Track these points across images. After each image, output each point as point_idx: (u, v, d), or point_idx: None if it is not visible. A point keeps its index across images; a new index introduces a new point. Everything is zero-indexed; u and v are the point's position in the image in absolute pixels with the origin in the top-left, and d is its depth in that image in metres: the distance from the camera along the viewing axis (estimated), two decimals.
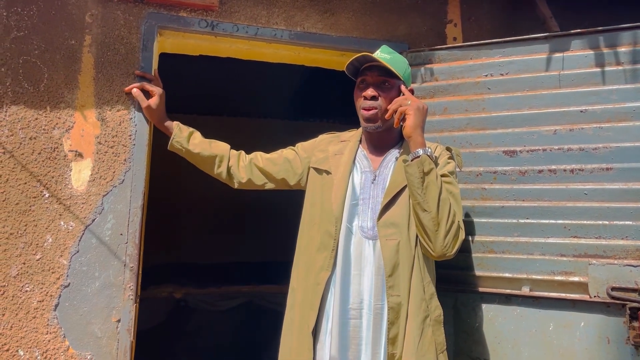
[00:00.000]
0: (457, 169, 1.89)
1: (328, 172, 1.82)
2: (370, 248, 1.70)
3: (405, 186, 1.69)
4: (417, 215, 1.63)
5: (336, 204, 1.73)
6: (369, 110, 1.75)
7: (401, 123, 1.72)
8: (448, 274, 2.12)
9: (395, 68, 1.76)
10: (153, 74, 2.25)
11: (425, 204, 1.60)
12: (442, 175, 1.71)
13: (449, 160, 1.82)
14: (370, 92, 1.75)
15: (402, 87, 1.79)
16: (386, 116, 1.74)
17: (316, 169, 1.88)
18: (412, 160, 1.65)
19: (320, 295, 1.67)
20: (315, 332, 1.68)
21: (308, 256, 1.75)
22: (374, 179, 1.77)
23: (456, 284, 2.11)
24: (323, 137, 2.01)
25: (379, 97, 1.76)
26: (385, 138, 1.84)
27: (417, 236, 1.68)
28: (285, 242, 1.72)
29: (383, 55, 1.79)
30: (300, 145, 2.04)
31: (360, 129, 1.90)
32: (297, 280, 1.78)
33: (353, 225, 1.72)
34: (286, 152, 2.05)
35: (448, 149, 1.87)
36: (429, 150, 1.67)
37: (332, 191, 1.76)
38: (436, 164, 1.72)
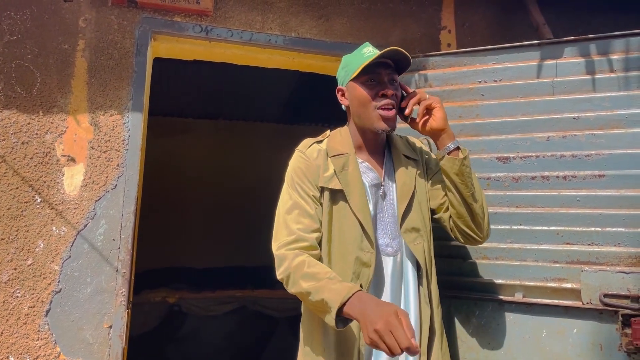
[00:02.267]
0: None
1: (341, 191, 1.60)
2: (389, 264, 1.60)
3: (414, 192, 1.64)
4: (466, 207, 1.61)
5: (367, 226, 1.55)
6: (390, 110, 1.60)
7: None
8: (442, 279, 2.11)
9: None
10: (146, 78, 2.24)
11: (477, 194, 1.61)
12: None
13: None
14: (391, 91, 1.60)
15: (402, 84, 1.71)
16: (406, 112, 1.63)
17: (327, 189, 1.60)
18: (450, 153, 1.61)
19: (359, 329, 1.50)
20: None
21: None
22: (384, 192, 1.66)
23: (450, 290, 2.11)
24: (306, 155, 1.67)
25: (395, 95, 1.63)
26: (381, 140, 1.72)
27: (431, 237, 1.69)
28: None
29: (376, 52, 1.64)
30: (297, 182, 1.62)
31: (347, 136, 1.70)
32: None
33: (380, 244, 1.61)
34: (303, 204, 1.59)
35: (428, 140, 1.83)
36: (457, 141, 1.65)
37: (353, 212, 1.57)
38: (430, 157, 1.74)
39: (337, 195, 1.60)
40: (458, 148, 1.63)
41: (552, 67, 2.11)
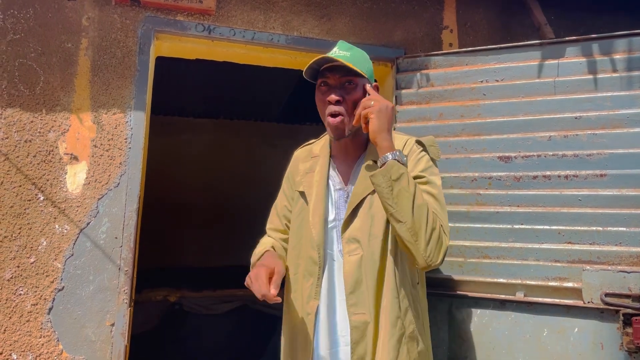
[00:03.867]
0: (436, 159, 1.68)
1: (303, 194, 1.66)
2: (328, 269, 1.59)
3: (366, 197, 1.56)
4: (393, 228, 1.47)
5: (316, 230, 1.58)
6: (335, 117, 1.55)
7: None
8: (443, 278, 2.13)
9: (357, 65, 1.55)
10: (149, 77, 2.25)
11: (398, 214, 1.43)
12: (416, 177, 1.54)
13: (421, 155, 1.61)
14: (333, 96, 1.54)
15: (367, 86, 1.58)
16: (353, 122, 1.55)
17: (297, 192, 1.70)
18: (378, 169, 1.48)
19: (312, 324, 1.55)
20: None
21: (296, 283, 1.62)
22: (347, 196, 1.62)
23: (451, 289, 2.12)
24: (297, 154, 1.81)
25: (344, 101, 1.55)
26: (353, 145, 1.66)
27: (387, 248, 1.54)
28: None
29: (342, 52, 1.57)
30: (284, 178, 1.81)
31: (326, 138, 1.73)
32: (289, 307, 1.65)
33: (334, 249, 1.59)
34: (279, 200, 1.81)
35: (419, 142, 1.64)
36: (397, 153, 1.47)
37: (309, 215, 1.61)
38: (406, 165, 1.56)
39: (304, 197, 1.67)
40: (386, 164, 1.47)
41: (553, 66, 2.11)
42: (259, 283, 1.38)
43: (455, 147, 2.20)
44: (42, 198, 2.07)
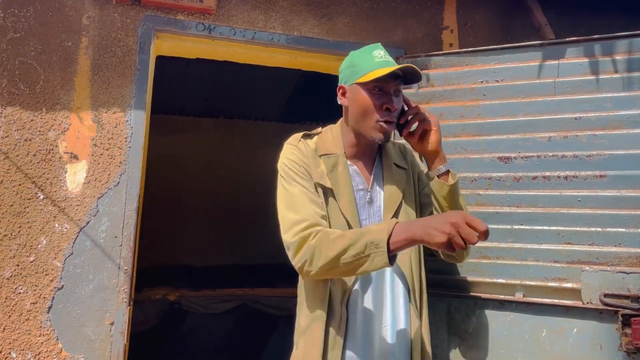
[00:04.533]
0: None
1: (331, 191, 1.59)
2: (377, 273, 1.57)
3: (402, 202, 1.62)
4: None
5: (355, 226, 1.55)
6: (391, 124, 1.57)
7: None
8: (442, 279, 2.13)
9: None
10: (149, 76, 2.25)
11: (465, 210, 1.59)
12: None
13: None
14: (394, 106, 1.55)
15: (405, 97, 1.65)
16: (401, 121, 1.62)
17: (320, 185, 1.59)
18: (439, 176, 1.60)
19: (345, 322, 1.51)
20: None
21: (325, 286, 1.54)
22: (370, 198, 1.63)
23: (450, 289, 2.12)
24: (301, 147, 1.66)
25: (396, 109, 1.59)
26: (372, 146, 1.67)
27: (420, 247, 1.66)
28: (280, 245, 1.62)
29: (389, 58, 1.59)
30: (295, 172, 1.60)
31: (338, 136, 1.68)
32: (314, 305, 1.56)
33: None
34: (304, 192, 1.57)
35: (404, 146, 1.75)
36: (448, 163, 1.64)
37: (341, 212, 1.56)
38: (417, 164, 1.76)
39: (327, 194, 1.59)
40: (448, 172, 1.62)
41: (553, 67, 2.11)
42: (474, 222, 1.22)
43: (455, 147, 2.20)
44: (42, 197, 2.07)
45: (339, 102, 1.66)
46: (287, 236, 1.47)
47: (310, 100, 5.29)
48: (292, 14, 2.45)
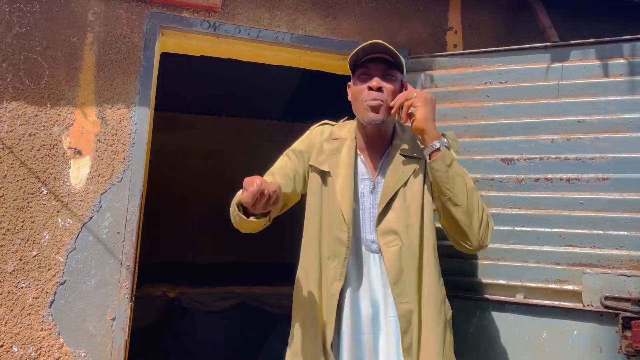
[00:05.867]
0: (458, 153, 1.71)
1: (329, 174, 1.66)
2: (376, 261, 1.60)
3: (399, 190, 1.60)
4: (448, 212, 1.53)
5: (345, 209, 1.59)
6: (375, 100, 1.59)
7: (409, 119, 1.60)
8: (443, 279, 2.13)
9: (397, 61, 1.65)
10: (154, 73, 2.25)
11: (455, 197, 1.50)
12: None
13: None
14: (375, 82, 1.59)
15: (405, 81, 1.68)
16: (392, 111, 1.61)
17: (316, 169, 1.70)
18: (430, 155, 1.54)
19: (335, 306, 1.55)
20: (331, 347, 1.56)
21: (315, 262, 1.62)
22: (373, 188, 1.66)
23: (451, 289, 2.12)
24: (315, 132, 1.79)
25: (385, 89, 1.60)
26: (381, 136, 1.69)
27: (424, 237, 1.60)
28: (280, 244, 1.64)
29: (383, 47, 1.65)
30: (292, 148, 1.79)
31: (353, 126, 1.75)
32: (307, 289, 1.63)
33: (360, 235, 1.62)
34: (283, 164, 1.75)
35: (443, 135, 1.67)
36: (445, 140, 1.55)
37: (337, 194, 1.62)
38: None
39: (326, 178, 1.67)
40: (439, 149, 1.54)
41: (557, 69, 2.12)
42: (253, 178, 1.32)
43: None
44: (45, 192, 2.08)
45: (349, 99, 1.74)
46: None
47: (312, 99, 5.30)
48: (297, 13, 2.46)
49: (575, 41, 2.13)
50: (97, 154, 2.14)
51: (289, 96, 5.42)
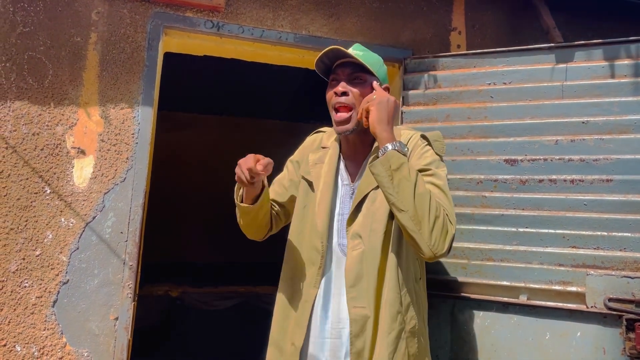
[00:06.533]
0: (441, 154, 1.65)
1: (311, 183, 1.69)
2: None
3: (369, 193, 1.57)
4: (396, 218, 1.47)
5: (321, 220, 1.60)
6: (340, 110, 1.59)
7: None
8: (446, 280, 2.13)
9: (368, 64, 1.60)
10: (157, 73, 2.25)
11: (400, 203, 1.41)
12: (422, 170, 1.53)
13: (426, 149, 1.60)
14: (340, 87, 1.58)
15: (375, 84, 1.60)
16: (357, 117, 1.57)
17: (304, 179, 1.72)
18: (378, 159, 1.48)
19: (308, 312, 1.56)
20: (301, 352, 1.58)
21: (296, 270, 1.64)
22: (352, 193, 1.65)
23: (454, 290, 2.12)
24: (309, 140, 1.84)
25: (351, 93, 1.58)
26: (362, 143, 1.66)
27: (389, 243, 1.54)
28: (282, 244, 1.66)
29: (355, 51, 1.63)
30: (290, 158, 1.85)
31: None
32: (285, 294, 1.66)
33: (334, 242, 1.62)
34: (280, 177, 1.85)
35: (423, 137, 1.64)
36: (397, 144, 1.47)
37: (315, 205, 1.64)
38: (409, 157, 1.57)
39: (310, 186, 1.69)
40: (386, 153, 1.47)
41: (562, 70, 2.11)
42: (246, 159, 1.50)
43: (461, 149, 2.20)
44: (48, 191, 2.08)
45: None
46: None
47: (314, 99, 5.29)
48: (301, 13, 2.46)
49: (580, 42, 2.12)
50: (101, 154, 2.14)
51: (292, 96, 5.42)
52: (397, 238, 1.55)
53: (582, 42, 2.12)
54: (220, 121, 6.18)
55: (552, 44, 2.19)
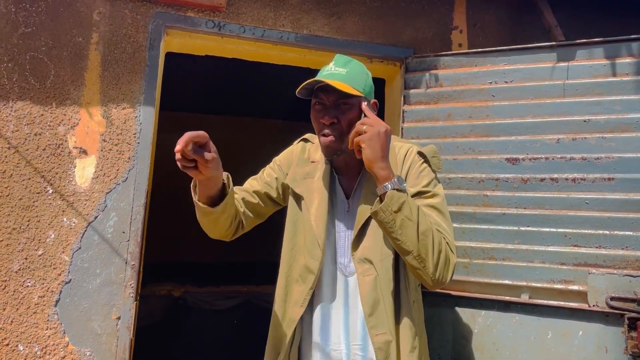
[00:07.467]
0: (437, 170, 1.61)
1: (302, 197, 1.62)
2: (346, 285, 1.56)
3: (371, 216, 1.48)
4: (401, 254, 1.44)
5: (320, 235, 1.54)
6: (327, 137, 1.51)
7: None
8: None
9: (353, 83, 1.49)
10: (159, 73, 2.26)
11: (405, 245, 1.38)
12: (421, 192, 1.50)
13: (423, 167, 1.55)
14: (327, 119, 1.50)
15: (363, 106, 1.50)
16: (348, 146, 1.48)
17: (292, 190, 1.66)
18: (380, 197, 1.41)
19: (292, 331, 1.55)
20: None
21: (287, 285, 1.61)
22: (348, 209, 1.60)
23: (456, 289, 2.12)
24: (296, 148, 1.77)
25: (339, 121, 1.50)
26: (352, 162, 1.59)
27: (400, 266, 1.52)
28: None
29: (338, 69, 1.52)
30: (273, 159, 1.80)
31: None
32: (276, 306, 1.64)
33: (329, 260, 1.58)
34: (259, 174, 1.79)
35: (420, 154, 1.58)
36: (396, 180, 1.39)
37: (311, 220, 1.57)
38: (407, 177, 1.53)
39: (300, 201, 1.63)
40: (386, 195, 1.39)
41: (563, 69, 2.11)
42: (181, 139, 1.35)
43: (463, 148, 2.20)
44: (50, 191, 2.09)
45: None
46: None
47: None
48: (302, 13, 2.46)
49: (581, 40, 2.12)
50: (102, 154, 2.15)
51: (294, 95, 5.42)
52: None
53: (584, 40, 2.11)
54: (222, 121, 6.18)
55: (554, 43, 2.18)
